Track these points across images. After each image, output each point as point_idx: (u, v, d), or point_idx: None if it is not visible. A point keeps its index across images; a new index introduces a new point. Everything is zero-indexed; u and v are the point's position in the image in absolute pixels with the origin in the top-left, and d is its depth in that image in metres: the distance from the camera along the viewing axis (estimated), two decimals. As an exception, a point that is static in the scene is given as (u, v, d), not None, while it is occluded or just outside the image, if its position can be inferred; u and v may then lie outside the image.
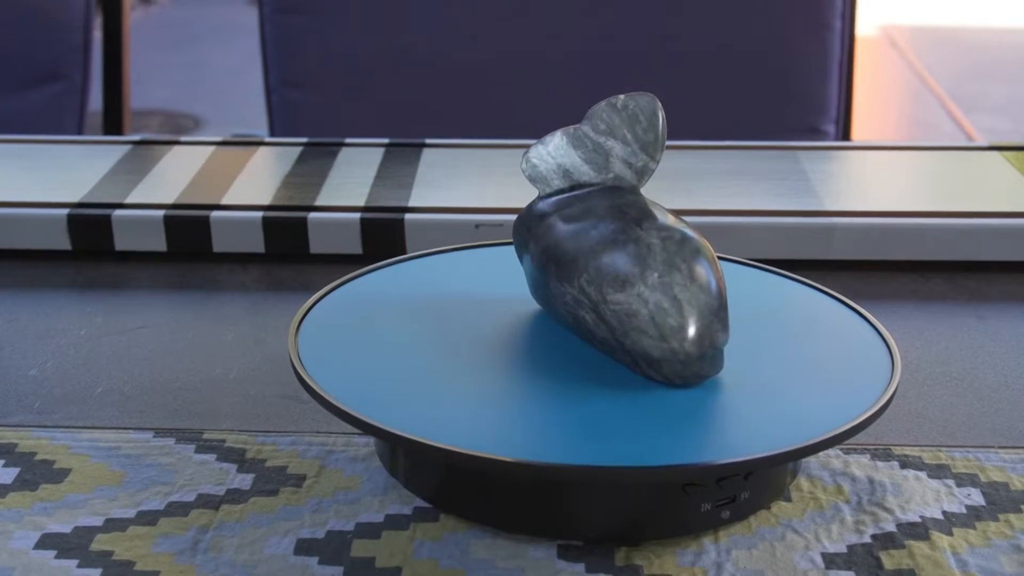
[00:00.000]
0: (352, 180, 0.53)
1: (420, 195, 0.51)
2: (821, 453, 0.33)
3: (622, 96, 0.33)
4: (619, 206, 0.33)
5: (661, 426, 0.30)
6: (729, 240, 0.49)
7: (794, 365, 0.34)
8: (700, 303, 0.31)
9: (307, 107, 0.90)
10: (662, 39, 0.87)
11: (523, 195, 0.52)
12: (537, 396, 0.31)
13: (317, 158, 0.56)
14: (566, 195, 0.35)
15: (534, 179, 0.36)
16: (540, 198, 0.36)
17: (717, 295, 0.31)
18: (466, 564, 0.29)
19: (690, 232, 0.32)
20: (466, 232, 0.49)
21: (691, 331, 0.31)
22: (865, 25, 3.30)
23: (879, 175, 0.56)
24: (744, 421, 0.30)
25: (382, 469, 0.33)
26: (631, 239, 0.31)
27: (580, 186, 0.35)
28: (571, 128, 0.35)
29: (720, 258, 0.41)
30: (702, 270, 0.31)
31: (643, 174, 0.34)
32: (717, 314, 0.31)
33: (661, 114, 0.33)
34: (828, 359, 0.34)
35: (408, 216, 0.49)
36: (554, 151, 0.35)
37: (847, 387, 0.32)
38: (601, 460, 0.28)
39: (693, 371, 0.31)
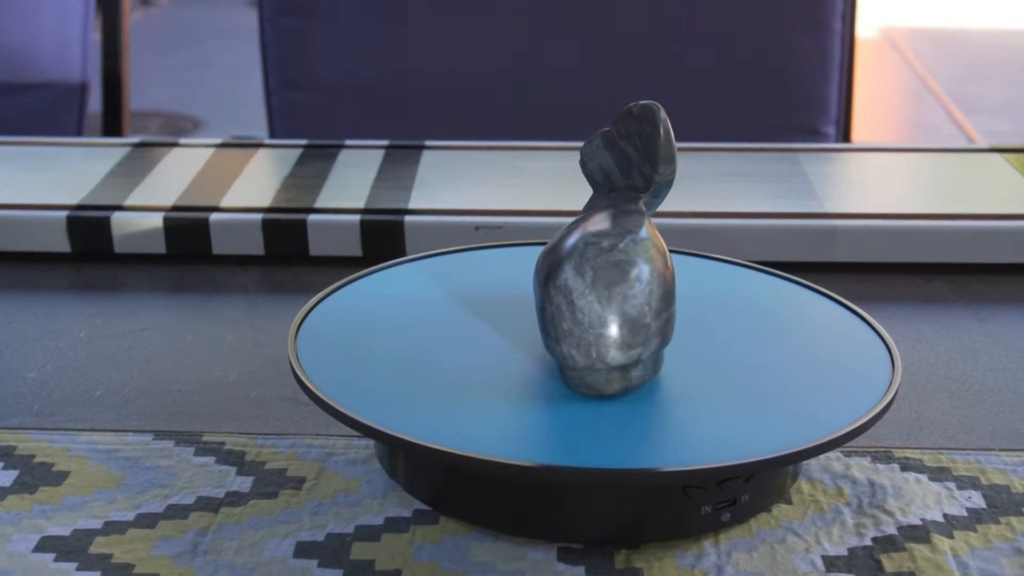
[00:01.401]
0: (352, 182, 0.53)
1: (420, 197, 0.51)
2: (822, 456, 0.33)
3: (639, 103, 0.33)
4: (607, 211, 0.33)
5: (661, 428, 0.30)
6: (729, 242, 0.48)
7: (795, 367, 0.33)
8: (594, 315, 0.30)
9: (307, 109, 0.90)
10: (662, 41, 0.87)
11: (523, 197, 0.51)
12: (536, 398, 0.31)
13: (317, 160, 0.56)
14: (602, 196, 0.35)
15: (585, 175, 0.36)
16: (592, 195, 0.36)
17: (619, 312, 0.30)
18: (466, 567, 0.29)
19: (632, 246, 0.31)
20: (466, 234, 0.48)
21: (578, 339, 0.30)
22: (865, 26, 3.30)
23: (880, 177, 0.56)
24: (745, 423, 0.30)
25: (382, 471, 0.33)
26: (571, 241, 0.31)
27: (614, 188, 0.35)
28: (607, 129, 0.34)
29: (719, 260, 0.41)
30: (611, 282, 0.30)
31: (650, 184, 0.33)
32: (611, 331, 0.30)
33: (662, 126, 0.32)
34: (829, 361, 0.34)
35: (408, 218, 0.49)
36: (595, 150, 0.35)
37: (848, 390, 0.32)
38: (601, 462, 0.28)
39: (585, 381, 0.31)
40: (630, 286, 0.30)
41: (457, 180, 0.54)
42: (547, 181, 0.54)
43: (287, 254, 0.49)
